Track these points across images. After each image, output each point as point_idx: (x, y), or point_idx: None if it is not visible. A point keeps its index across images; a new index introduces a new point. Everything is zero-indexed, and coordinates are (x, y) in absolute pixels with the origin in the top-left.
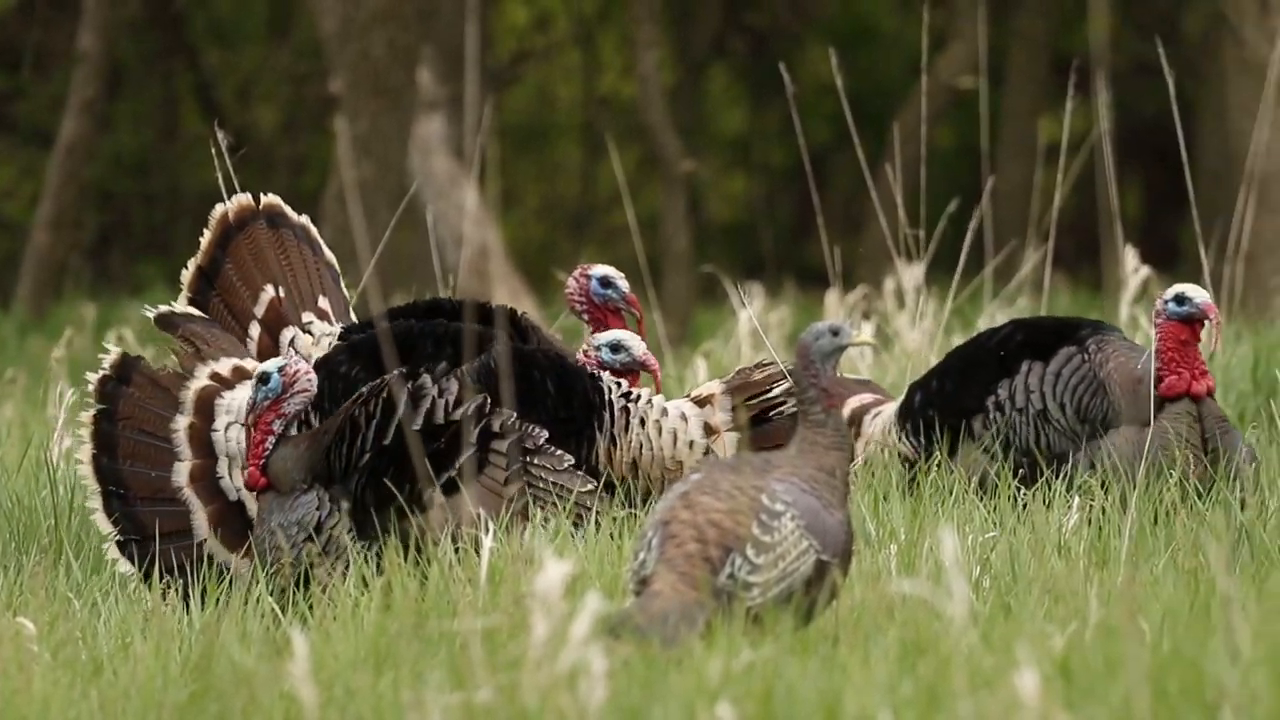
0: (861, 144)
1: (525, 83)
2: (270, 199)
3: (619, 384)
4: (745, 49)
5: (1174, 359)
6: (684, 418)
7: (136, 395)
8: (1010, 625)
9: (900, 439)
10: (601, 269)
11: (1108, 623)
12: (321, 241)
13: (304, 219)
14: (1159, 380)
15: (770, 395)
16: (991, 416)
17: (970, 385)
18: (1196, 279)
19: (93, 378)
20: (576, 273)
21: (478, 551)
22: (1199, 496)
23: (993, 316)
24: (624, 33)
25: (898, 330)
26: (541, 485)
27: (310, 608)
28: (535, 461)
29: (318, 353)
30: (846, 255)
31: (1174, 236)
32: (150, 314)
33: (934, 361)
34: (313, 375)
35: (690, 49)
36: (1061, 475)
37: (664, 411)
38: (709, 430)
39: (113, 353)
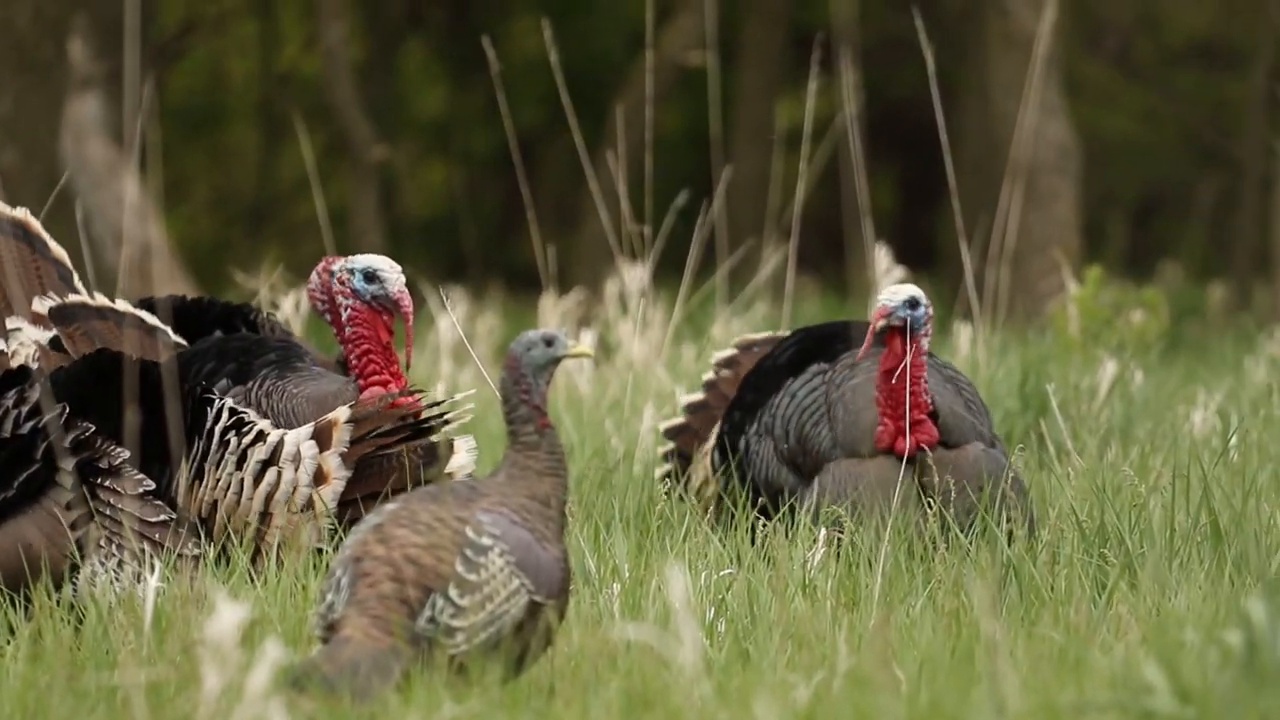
0: (578, 128)
1: (194, 57)
2: None
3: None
4: (445, 20)
5: (886, 394)
6: (295, 460)
7: None
8: (749, 674)
9: (710, 463)
10: (362, 259)
11: (858, 671)
12: (47, 237)
13: (21, 212)
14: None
15: (386, 430)
16: (742, 442)
17: (755, 404)
18: (957, 281)
19: None
20: (319, 267)
21: (141, 593)
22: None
23: (727, 323)
24: (306, 0)
25: (620, 339)
26: (108, 512)
27: None
28: (105, 484)
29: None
30: (561, 255)
31: (932, 233)
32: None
33: (660, 373)
34: None
35: (382, 20)
36: (806, 507)
37: (274, 452)
38: (320, 476)
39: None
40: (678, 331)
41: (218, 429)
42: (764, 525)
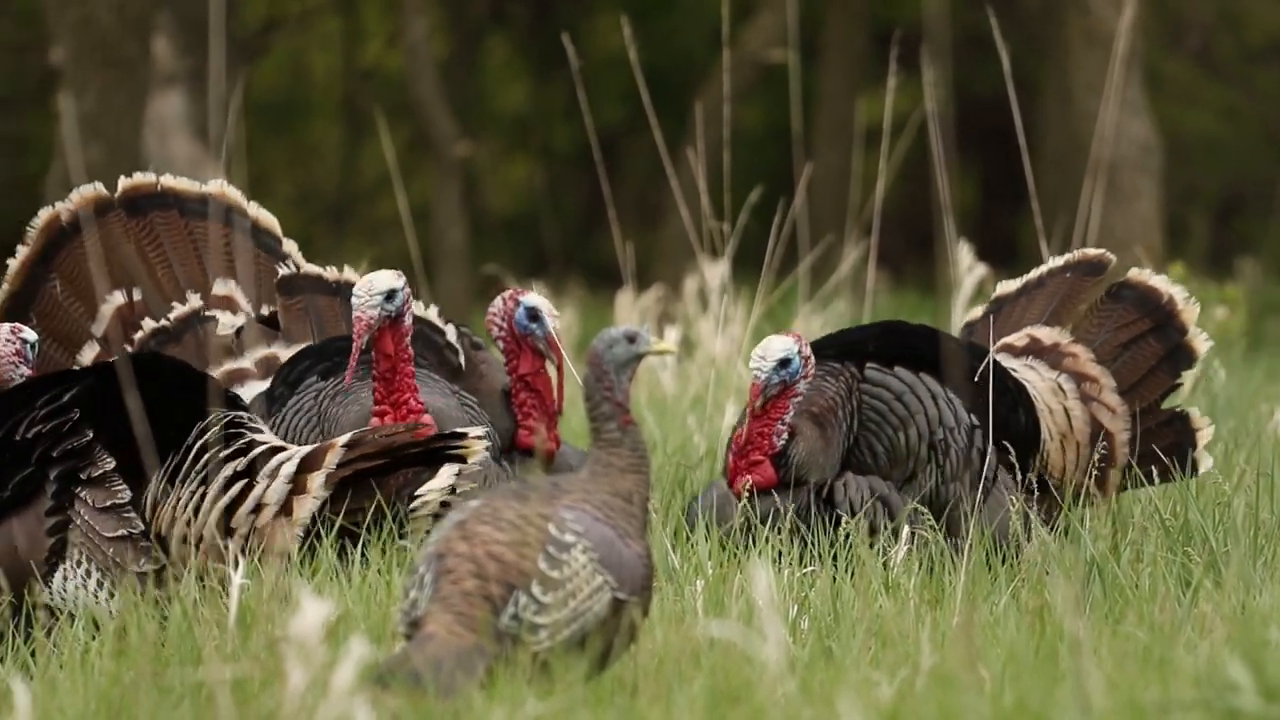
0: (659, 125)
1: (277, 54)
2: (134, 180)
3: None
4: (527, 16)
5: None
6: (271, 477)
7: None
8: (832, 672)
9: None
10: (534, 298)
11: (942, 669)
12: (261, 217)
13: (241, 204)
14: None
15: (371, 454)
16: None
17: None
18: None
19: None
20: (507, 294)
21: (226, 589)
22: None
23: (807, 320)
24: None
25: (701, 336)
26: (79, 521)
27: (33, 654)
28: (81, 494)
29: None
30: (642, 251)
31: (1013, 231)
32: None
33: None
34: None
35: (465, 16)
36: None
37: (251, 466)
38: (300, 488)
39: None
40: (758, 328)
41: (196, 445)
42: (846, 522)
